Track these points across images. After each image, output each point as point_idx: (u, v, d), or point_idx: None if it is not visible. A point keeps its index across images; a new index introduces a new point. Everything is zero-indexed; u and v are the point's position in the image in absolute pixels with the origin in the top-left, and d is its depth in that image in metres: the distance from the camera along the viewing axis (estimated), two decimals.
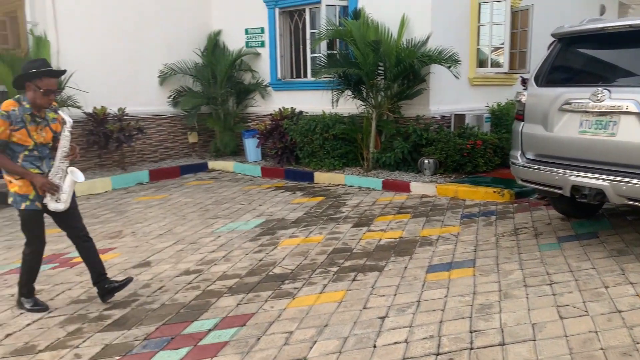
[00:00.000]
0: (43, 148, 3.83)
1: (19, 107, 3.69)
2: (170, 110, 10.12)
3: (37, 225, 3.91)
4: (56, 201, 3.82)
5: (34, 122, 3.75)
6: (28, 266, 3.96)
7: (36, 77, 3.66)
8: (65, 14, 8.63)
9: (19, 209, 3.82)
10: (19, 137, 3.69)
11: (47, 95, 3.70)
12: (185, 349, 3.36)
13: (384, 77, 8.07)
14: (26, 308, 3.97)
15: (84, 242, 4.00)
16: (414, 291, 4.13)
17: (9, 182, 3.80)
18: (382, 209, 6.70)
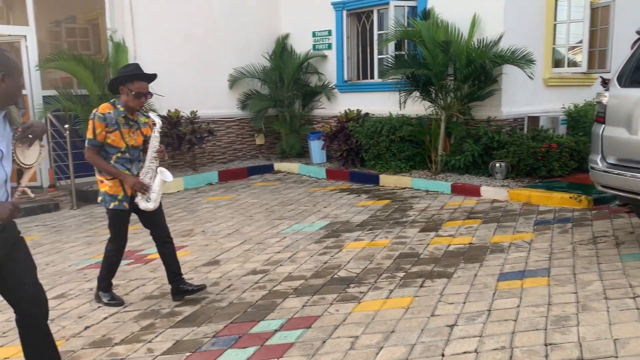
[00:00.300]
0: (134, 150, 4.00)
1: (114, 110, 3.87)
2: (238, 113, 10.35)
3: (122, 224, 4.09)
4: (146, 201, 3.97)
5: (127, 125, 3.92)
6: (109, 262, 4.14)
7: (128, 80, 3.83)
8: (143, 20, 9.02)
9: (108, 207, 4.00)
10: (113, 139, 3.87)
11: (139, 98, 3.85)
12: (253, 348, 3.40)
13: (454, 78, 7.88)
14: (103, 302, 4.16)
15: (165, 243, 4.13)
16: (484, 299, 3.98)
17: (100, 181, 4.00)
18: (451, 213, 6.54)
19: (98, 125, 3.81)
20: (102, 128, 3.83)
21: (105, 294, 4.19)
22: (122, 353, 3.40)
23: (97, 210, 7.43)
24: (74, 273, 4.94)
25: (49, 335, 2.76)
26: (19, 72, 2.48)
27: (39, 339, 2.72)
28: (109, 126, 3.84)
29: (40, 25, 8.86)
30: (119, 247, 4.14)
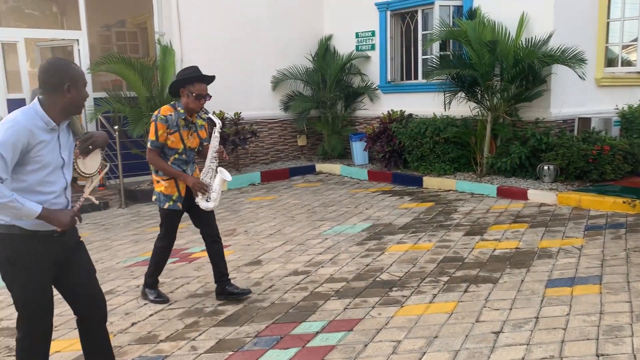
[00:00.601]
0: (190, 152, 4.07)
1: (174, 112, 3.95)
2: (281, 114, 10.42)
3: (174, 224, 4.17)
4: (206, 200, 4.04)
5: (187, 127, 4.00)
6: (157, 259, 4.23)
7: (189, 82, 3.90)
8: (189, 24, 9.21)
9: (162, 207, 4.07)
10: (173, 141, 3.95)
11: (199, 100, 3.91)
12: (294, 350, 3.40)
13: (501, 78, 7.69)
14: (149, 299, 4.25)
15: (214, 243, 4.18)
16: (531, 306, 3.86)
17: (156, 181, 4.08)
18: (497, 217, 6.38)
19: (160, 127, 3.89)
20: (164, 130, 3.90)
21: (152, 291, 4.28)
22: (167, 350, 3.46)
23: (144, 209, 7.62)
24: (121, 270, 5.07)
25: (106, 336, 2.83)
26: (84, 82, 2.55)
27: (97, 340, 2.79)
28: (170, 128, 3.91)
29: (91, 29, 9.17)
30: (168, 245, 4.22)
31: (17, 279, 2.52)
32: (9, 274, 2.52)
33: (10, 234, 2.47)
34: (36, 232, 2.50)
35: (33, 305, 2.56)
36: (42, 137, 2.42)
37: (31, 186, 2.45)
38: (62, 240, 2.60)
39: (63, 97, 2.47)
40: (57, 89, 2.46)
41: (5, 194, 2.32)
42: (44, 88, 2.49)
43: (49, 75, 2.48)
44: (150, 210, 7.54)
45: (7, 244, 2.48)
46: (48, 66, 2.51)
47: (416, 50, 9.57)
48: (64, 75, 2.47)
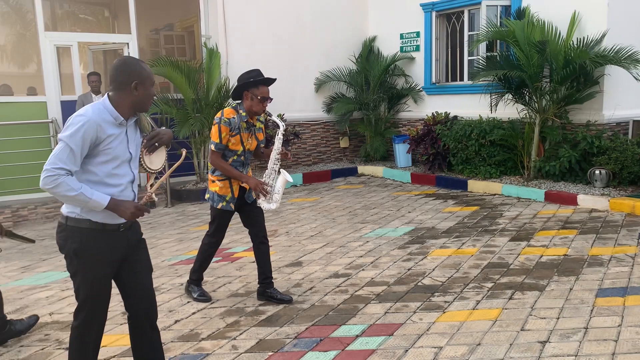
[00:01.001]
0: (248, 154, 4.12)
1: (237, 115, 3.98)
2: (324, 116, 10.43)
3: (224, 223, 4.22)
4: (268, 202, 4.07)
5: (247, 129, 4.04)
6: (204, 255, 4.28)
7: (253, 85, 3.93)
8: (234, 27, 9.34)
9: (215, 207, 4.12)
10: (233, 143, 3.99)
11: (263, 102, 3.95)
12: (334, 352, 3.39)
13: (550, 79, 7.46)
14: (193, 296, 4.32)
15: (262, 244, 4.20)
16: (580, 316, 3.72)
17: (211, 181, 4.14)
18: (544, 222, 6.19)
19: (224, 129, 3.93)
20: (227, 132, 3.94)
21: (196, 288, 4.35)
22: (208, 348, 3.51)
23: (189, 208, 7.77)
24: (166, 268, 5.18)
25: (156, 334, 2.89)
26: (151, 81, 2.63)
27: (147, 337, 2.85)
28: (232, 130, 3.96)
29: (141, 33, 9.43)
30: (217, 242, 4.27)
31: (81, 271, 2.61)
32: (74, 265, 2.61)
33: (79, 227, 2.57)
34: (104, 226, 2.58)
35: (92, 297, 2.65)
36: (110, 131, 2.52)
37: (101, 179, 2.54)
38: (127, 236, 2.68)
39: (130, 94, 2.56)
40: (125, 87, 2.56)
41: (73, 186, 2.41)
42: (113, 85, 2.58)
43: (119, 73, 2.57)
44: (195, 209, 7.69)
45: (76, 237, 2.57)
46: (118, 64, 2.61)
47: (462, 51, 9.40)
48: (133, 73, 2.56)
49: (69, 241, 2.58)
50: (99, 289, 2.65)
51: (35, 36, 8.18)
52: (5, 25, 11.61)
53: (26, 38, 11.33)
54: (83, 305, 2.66)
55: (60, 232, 2.62)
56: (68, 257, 2.62)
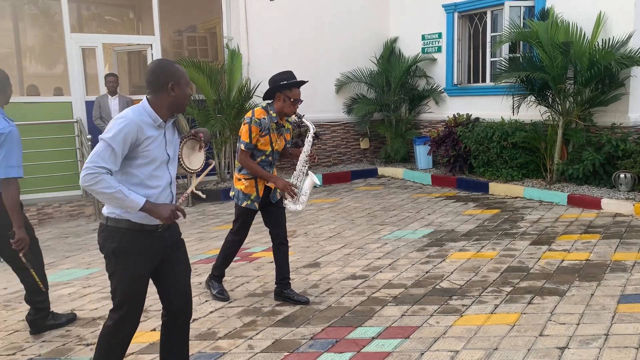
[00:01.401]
0: (276, 155, 4.14)
1: (267, 116, 4.00)
2: (344, 117, 10.43)
3: (248, 221, 4.25)
4: (294, 203, 4.09)
5: (277, 130, 4.07)
6: (227, 252, 4.32)
7: (287, 88, 3.95)
8: (256, 28, 9.40)
9: (240, 205, 4.15)
10: (262, 143, 4.02)
11: (294, 105, 3.98)
12: (349, 354, 3.39)
13: (574, 81, 7.34)
14: (212, 293, 4.35)
15: (281, 245, 4.22)
16: (601, 322, 3.65)
17: (237, 179, 4.18)
18: (567, 226, 6.09)
19: (254, 130, 3.95)
20: (257, 132, 3.96)
21: (216, 284, 4.38)
22: (225, 347, 3.54)
23: (209, 208, 7.84)
24: None
25: (187, 335, 2.93)
26: (186, 82, 2.68)
27: (180, 337, 2.88)
28: (262, 131, 3.97)
29: (164, 34, 9.55)
30: (240, 240, 4.30)
31: (119, 271, 2.64)
32: (112, 265, 2.65)
33: (118, 227, 2.61)
34: (143, 227, 2.62)
35: (129, 297, 2.67)
36: (149, 133, 2.57)
37: (141, 180, 2.59)
38: (165, 236, 2.72)
39: (168, 95, 2.61)
40: (162, 88, 2.61)
41: (112, 184, 2.46)
42: (150, 87, 2.63)
43: (155, 75, 2.62)
44: (215, 209, 7.76)
45: (115, 237, 2.61)
46: (154, 66, 2.66)
47: (484, 52, 9.31)
48: (168, 74, 2.61)
49: (109, 241, 2.63)
50: (135, 289, 2.68)
51: (61, 37, 8.34)
52: (34, 27, 11.88)
53: (53, 39, 11.57)
54: (120, 305, 2.68)
55: (101, 232, 2.67)
56: (107, 257, 2.67)
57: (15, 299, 4.61)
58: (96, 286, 4.81)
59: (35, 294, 3.82)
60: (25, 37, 12.29)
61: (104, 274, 5.01)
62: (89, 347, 3.62)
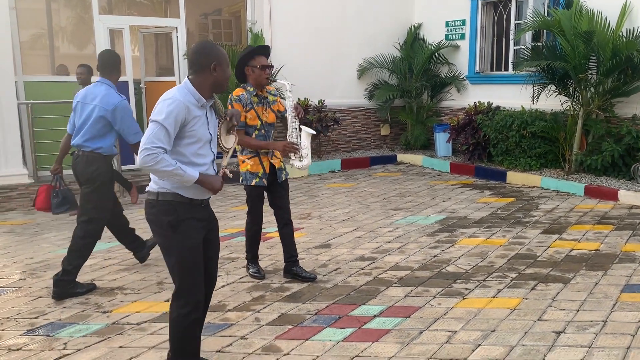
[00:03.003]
0: (269, 127, 4.29)
1: (245, 92, 4.18)
2: (365, 103, 10.47)
3: (259, 199, 4.40)
4: (300, 160, 4.24)
5: (260, 103, 4.22)
6: (248, 234, 4.48)
7: (249, 58, 4.14)
8: (279, 12, 9.48)
9: (250, 184, 4.29)
10: (250, 118, 4.17)
11: (264, 70, 4.13)
12: (350, 330, 3.53)
13: (596, 71, 7.26)
14: (249, 272, 4.52)
15: (285, 225, 4.37)
16: (601, 310, 3.71)
17: (241, 162, 4.32)
18: (580, 217, 6.09)
19: (238, 107, 4.11)
20: (241, 109, 4.12)
21: (251, 265, 4.53)
22: (233, 319, 3.72)
23: (228, 189, 8.02)
24: None
25: (205, 313, 3.06)
26: (227, 63, 2.81)
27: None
28: (245, 106, 4.14)
29: (190, 17, 9.72)
30: (255, 219, 4.42)
31: (177, 242, 2.72)
32: (169, 238, 2.73)
33: (172, 201, 2.72)
34: (192, 201, 2.76)
35: (191, 269, 2.74)
36: (195, 113, 2.72)
37: (189, 159, 2.73)
38: (209, 212, 2.89)
39: (210, 75, 2.74)
40: (205, 69, 2.74)
41: (171, 162, 2.61)
42: (193, 68, 2.76)
43: (199, 55, 2.75)
44: (234, 190, 7.94)
45: (170, 210, 2.72)
46: (197, 48, 2.80)
47: (508, 40, 9.23)
48: (211, 55, 2.74)
49: (163, 215, 2.71)
50: (195, 256, 2.76)
51: (91, 19, 8.57)
52: (66, 8, 12.18)
53: (84, 21, 11.85)
54: (183, 281, 2.73)
55: (151, 208, 2.75)
56: (162, 231, 2.74)
57: (40, 267, 4.87)
58: (116, 259, 5.04)
59: (75, 258, 4.15)
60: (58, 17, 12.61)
61: (123, 247, 5.24)
62: (106, 314, 3.84)
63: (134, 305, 4.00)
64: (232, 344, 3.38)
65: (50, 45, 11.60)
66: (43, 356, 3.29)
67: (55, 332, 3.60)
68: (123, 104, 4.23)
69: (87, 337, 3.51)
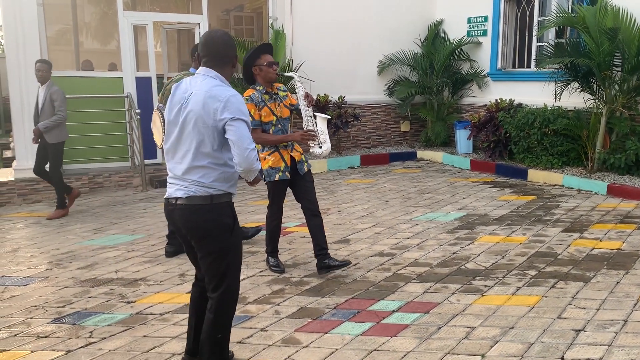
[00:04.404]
0: (285, 122, 4.34)
1: (255, 91, 4.26)
2: (385, 99, 10.46)
3: (281, 194, 4.45)
4: (319, 147, 4.29)
5: (272, 99, 4.28)
6: (268, 228, 4.53)
7: (255, 57, 4.21)
8: (301, 8, 9.52)
9: (273, 180, 4.32)
10: (265, 115, 4.23)
11: (271, 67, 4.20)
12: (369, 324, 3.56)
13: (620, 68, 7.16)
14: (269, 265, 4.58)
15: (314, 217, 4.36)
16: (622, 309, 3.69)
17: (262, 159, 4.34)
18: (602, 215, 6.03)
19: (250, 107, 4.15)
20: (254, 108, 4.18)
21: (271, 259, 4.58)
22: (253, 311, 3.78)
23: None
24: None
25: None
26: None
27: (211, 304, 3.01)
28: (257, 105, 4.21)
29: (212, 13, 9.79)
30: (276, 213, 4.47)
31: (236, 243, 2.72)
32: (227, 240, 2.66)
33: (227, 202, 2.68)
34: (231, 198, 2.74)
35: (239, 266, 2.77)
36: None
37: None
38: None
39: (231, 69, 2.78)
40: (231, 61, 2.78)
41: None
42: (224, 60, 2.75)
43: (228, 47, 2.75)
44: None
45: (228, 212, 2.67)
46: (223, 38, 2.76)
47: (530, 37, 9.13)
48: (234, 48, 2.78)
49: (222, 218, 2.64)
50: (242, 253, 2.80)
51: (116, 15, 8.71)
52: (91, 4, 12.38)
53: (108, 16, 12.04)
54: (234, 280, 2.75)
55: (206, 213, 2.62)
56: (221, 234, 2.64)
57: (66, 258, 5.00)
58: (139, 251, 5.15)
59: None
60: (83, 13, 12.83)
61: (147, 240, 5.37)
62: (130, 304, 3.94)
63: (157, 296, 4.09)
64: (252, 336, 3.44)
65: (75, 40, 11.81)
66: (70, 343, 3.39)
67: (81, 320, 3.70)
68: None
69: (112, 326, 3.61)
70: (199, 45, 2.79)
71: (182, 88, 2.72)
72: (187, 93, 2.66)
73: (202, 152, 2.61)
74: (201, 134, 2.60)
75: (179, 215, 2.67)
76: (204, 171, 2.62)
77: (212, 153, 2.62)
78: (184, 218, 2.66)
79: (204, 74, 2.70)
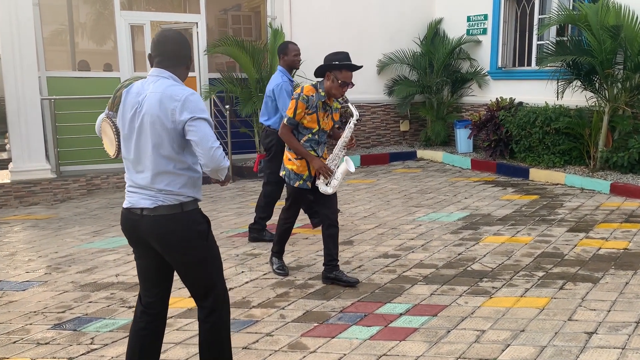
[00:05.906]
0: (323, 134, 4.16)
1: (316, 93, 4.00)
2: (385, 98, 10.39)
3: (300, 200, 4.34)
4: (326, 185, 4.12)
5: (324, 109, 4.07)
6: (281, 229, 4.42)
7: (337, 68, 3.93)
8: (299, 8, 9.44)
9: (292, 185, 4.19)
10: (309, 121, 4.04)
11: (343, 87, 3.96)
12: (376, 328, 3.49)
13: (623, 66, 7.11)
14: (273, 268, 4.49)
15: (331, 226, 4.18)
16: (633, 310, 3.63)
17: (288, 159, 4.21)
18: (607, 215, 5.98)
19: (300, 106, 3.97)
20: (303, 109, 3.98)
21: (277, 260, 4.49)
22: (258, 316, 3.70)
23: (249, 184, 8.04)
24: (224, 239, 5.43)
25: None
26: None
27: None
28: (309, 108, 3.99)
29: (210, 13, 9.72)
30: (292, 217, 4.37)
31: (212, 249, 2.61)
32: (204, 247, 2.56)
33: (196, 208, 2.55)
34: (198, 204, 2.61)
35: (221, 274, 2.68)
36: None
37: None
38: None
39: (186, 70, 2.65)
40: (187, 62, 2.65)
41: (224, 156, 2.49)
42: (182, 62, 2.61)
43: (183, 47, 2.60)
44: (255, 186, 7.94)
45: (199, 218, 2.56)
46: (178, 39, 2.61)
47: (531, 35, 9.08)
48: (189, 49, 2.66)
49: (194, 225, 2.53)
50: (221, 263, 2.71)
51: (112, 15, 8.62)
52: (86, 4, 12.25)
53: (104, 16, 11.92)
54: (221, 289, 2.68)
55: (178, 221, 2.50)
56: (195, 242, 2.54)
57: (65, 262, 4.91)
58: None
59: (261, 210, 5.20)
60: (78, 13, 12.70)
61: None
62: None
63: None
64: (258, 341, 3.37)
65: (71, 40, 11.69)
66: (71, 350, 3.31)
67: (82, 326, 3.62)
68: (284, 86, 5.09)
69: (114, 332, 3.53)
70: (151, 44, 2.62)
71: (134, 92, 2.53)
72: (141, 96, 2.49)
73: (163, 156, 2.46)
74: (160, 137, 2.44)
75: (148, 227, 2.49)
76: (169, 178, 2.48)
77: (174, 156, 2.47)
78: (154, 230, 2.49)
79: (157, 74, 2.53)
